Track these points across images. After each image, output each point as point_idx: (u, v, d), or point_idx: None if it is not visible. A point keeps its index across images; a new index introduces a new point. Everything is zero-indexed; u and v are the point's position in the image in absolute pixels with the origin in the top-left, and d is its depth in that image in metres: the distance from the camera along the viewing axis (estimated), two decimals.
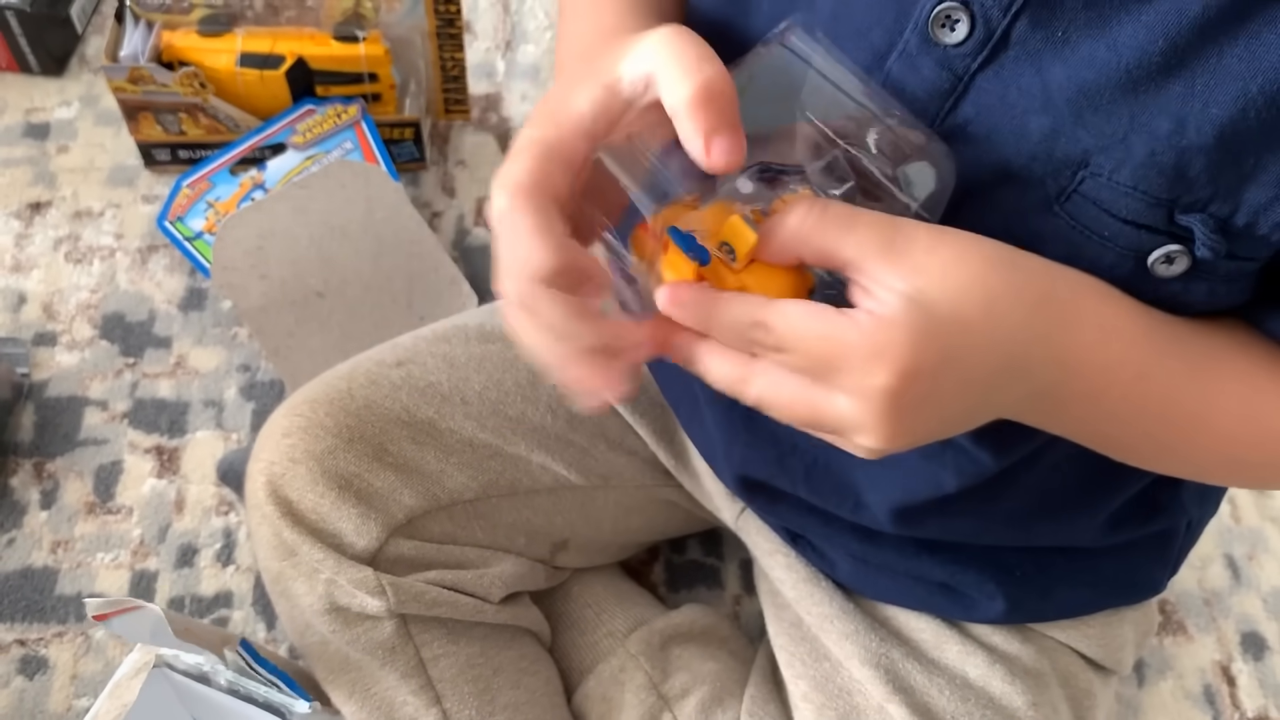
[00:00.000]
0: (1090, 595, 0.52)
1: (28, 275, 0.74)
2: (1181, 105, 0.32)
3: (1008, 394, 0.35)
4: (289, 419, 0.50)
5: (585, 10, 0.42)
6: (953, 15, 0.33)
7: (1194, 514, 0.53)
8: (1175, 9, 0.31)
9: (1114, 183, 0.33)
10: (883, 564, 0.50)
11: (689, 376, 0.36)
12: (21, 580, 0.62)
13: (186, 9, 0.74)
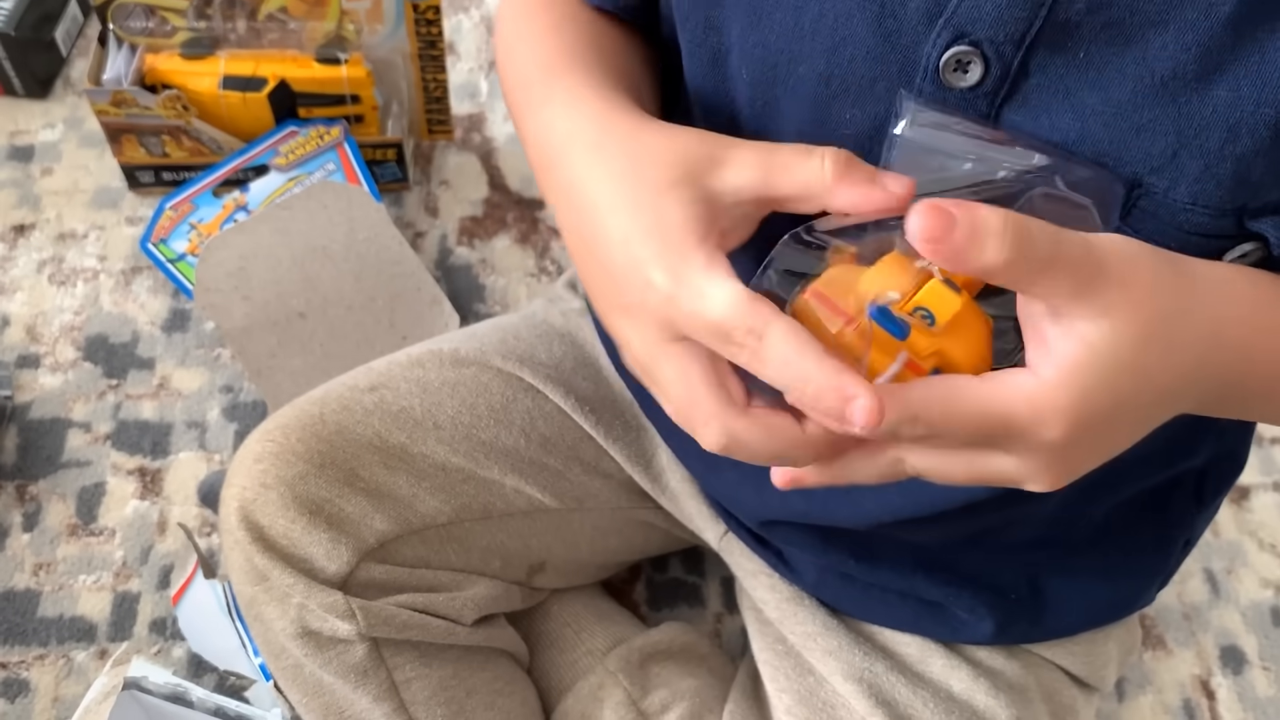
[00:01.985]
0: (1080, 619, 0.52)
1: (11, 297, 0.74)
2: (1230, 112, 0.31)
3: (1177, 408, 0.34)
4: (261, 444, 0.50)
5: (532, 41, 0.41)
6: (964, 59, 0.32)
7: (1198, 531, 0.53)
8: (1203, 11, 0.30)
9: (1171, 200, 0.33)
10: (875, 582, 0.51)
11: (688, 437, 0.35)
12: (3, 603, 0.62)
13: (169, 32, 0.74)
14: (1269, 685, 0.64)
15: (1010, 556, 0.49)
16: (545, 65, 0.40)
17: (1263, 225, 0.32)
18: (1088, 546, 0.49)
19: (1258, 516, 0.70)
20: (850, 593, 0.51)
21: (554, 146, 0.37)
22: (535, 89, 0.39)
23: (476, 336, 0.57)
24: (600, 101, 0.36)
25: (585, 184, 0.34)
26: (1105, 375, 0.29)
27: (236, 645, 0.56)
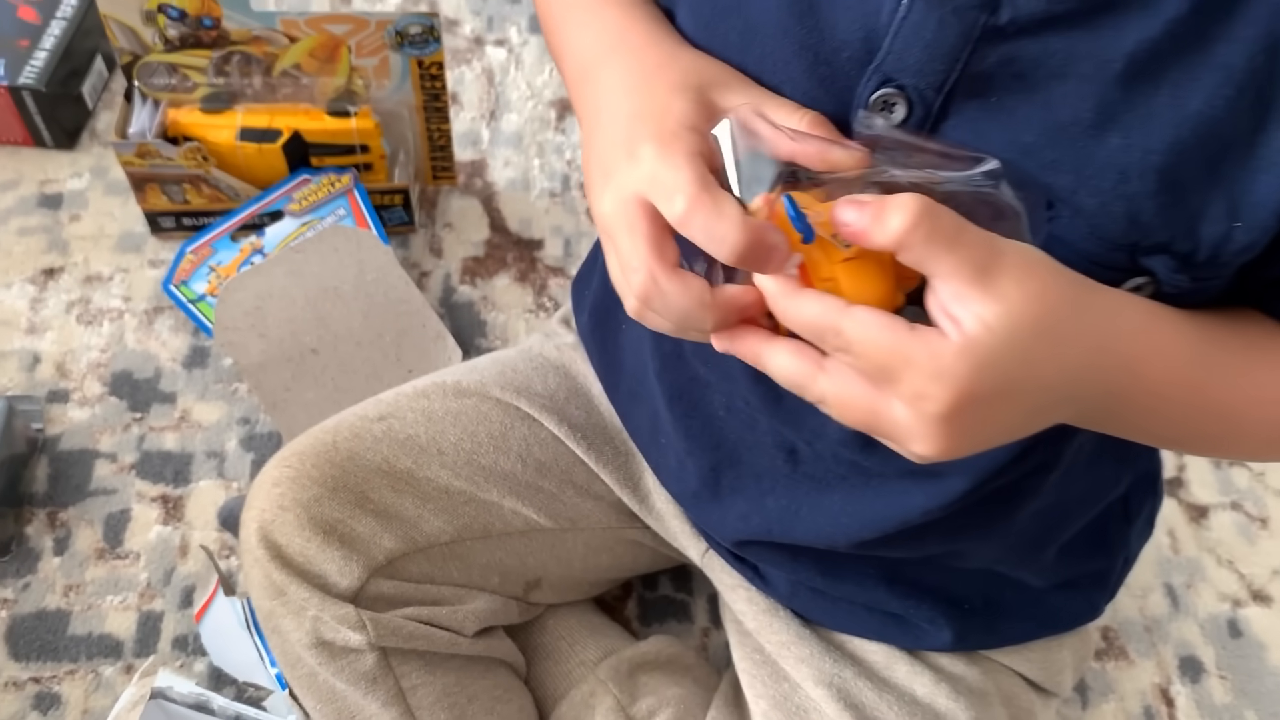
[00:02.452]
0: (1032, 627, 0.56)
1: (42, 337, 0.79)
2: (1122, 156, 0.35)
3: (1059, 413, 0.37)
4: (279, 470, 0.55)
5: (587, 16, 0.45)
6: (890, 100, 0.37)
7: (1134, 548, 0.57)
8: (1097, 67, 0.34)
9: (1074, 227, 0.36)
10: (842, 596, 0.54)
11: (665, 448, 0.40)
12: (36, 622, 0.66)
13: (190, 88, 0.80)
14: (1225, 693, 0.67)
15: (966, 574, 0.53)
16: None
17: (1153, 262, 0.36)
18: (1037, 568, 0.53)
19: (1215, 534, 0.74)
20: (820, 605, 0.55)
21: (587, 50, 0.44)
22: (572, 9, 0.46)
23: (477, 369, 0.61)
24: (628, 18, 0.43)
25: (609, 76, 0.41)
26: (997, 355, 0.33)
27: (255, 658, 0.60)
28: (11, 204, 0.86)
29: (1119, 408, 0.38)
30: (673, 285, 0.35)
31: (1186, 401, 0.39)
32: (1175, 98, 0.34)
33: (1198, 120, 0.34)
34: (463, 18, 1.01)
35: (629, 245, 0.36)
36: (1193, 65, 0.34)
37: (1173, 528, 0.73)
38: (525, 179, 0.90)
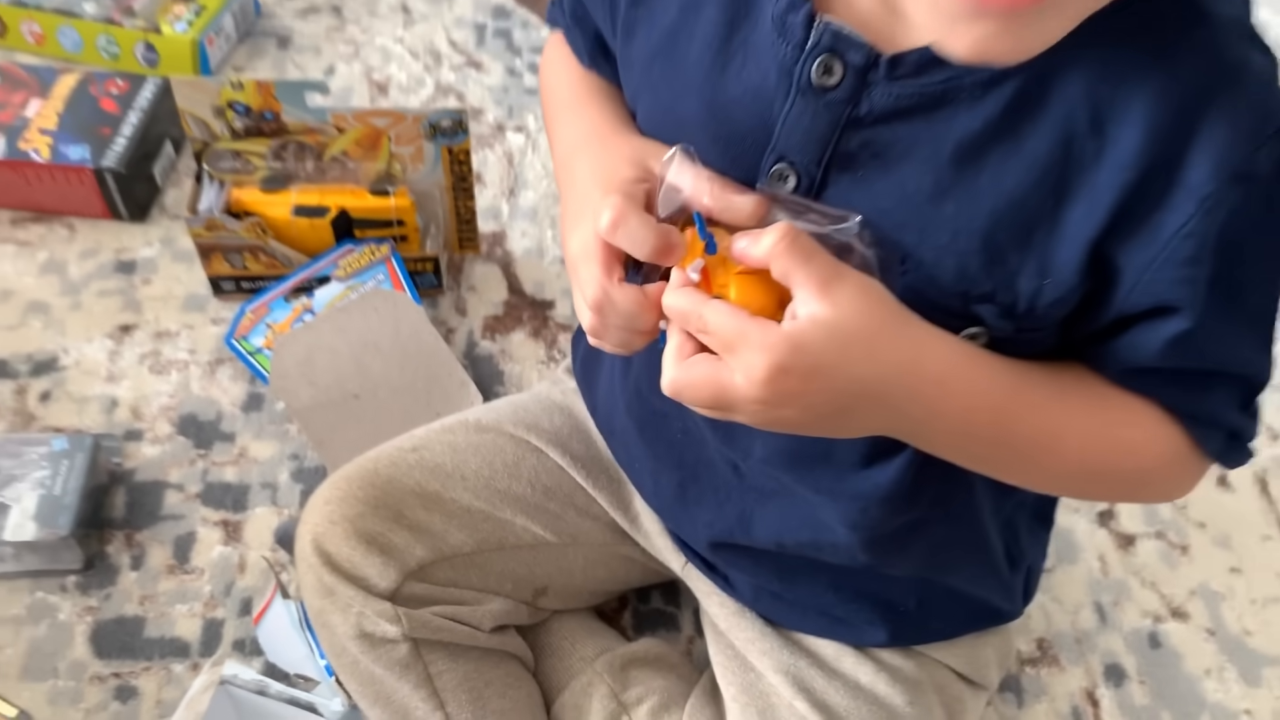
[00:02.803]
0: (956, 625, 0.65)
1: (119, 384, 0.90)
2: (953, 222, 0.44)
3: (873, 412, 0.45)
4: (330, 491, 0.66)
5: (571, 116, 0.58)
6: (784, 173, 0.47)
7: (1035, 561, 0.67)
8: (934, 152, 0.44)
9: (920, 277, 0.45)
10: (796, 600, 0.63)
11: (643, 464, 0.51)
12: (116, 626, 0.77)
13: (251, 171, 0.92)
14: (1144, 697, 0.76)
15: (898, 581, 0.62)
16: (570, 97, 0.59)
17: (982, 309, 0.45)
18: (953, 580, 0.62)
19: (1140, 560, 0.83)
20: (778, 607, 0.65)
21: (568, 141, 0.57)
22: (562, 111, 0.59)
23: (494, 409, 0.72)
24: (601, 116, 0.56)
25: (582, 161, 0.53)
26: (815, 342, 0.42)
27: (305, 653, 0.70)
28: (92, 270, 0.97)
29: (928, 419, 0.46)
30: (618, 292, 0.46)
31: (993, 424, 0.46)
32: (994, 178, 0.43)
33: (1011, 196, 0.43)
34: (487, 107, 1.14)
35: (586, 272, 0.47)
36: (1006, 154, 0.43)
37: (1103, 554, 0.83)
38: (539, 248, 1.01)
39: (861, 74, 0.44)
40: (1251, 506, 0.86)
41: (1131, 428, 0.49)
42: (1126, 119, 0.42)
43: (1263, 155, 0.42)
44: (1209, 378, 0.48)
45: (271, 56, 1.18)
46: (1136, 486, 0.54)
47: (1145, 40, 0.42)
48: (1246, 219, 0.43)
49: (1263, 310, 0.48)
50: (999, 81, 0.43)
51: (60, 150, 0.98)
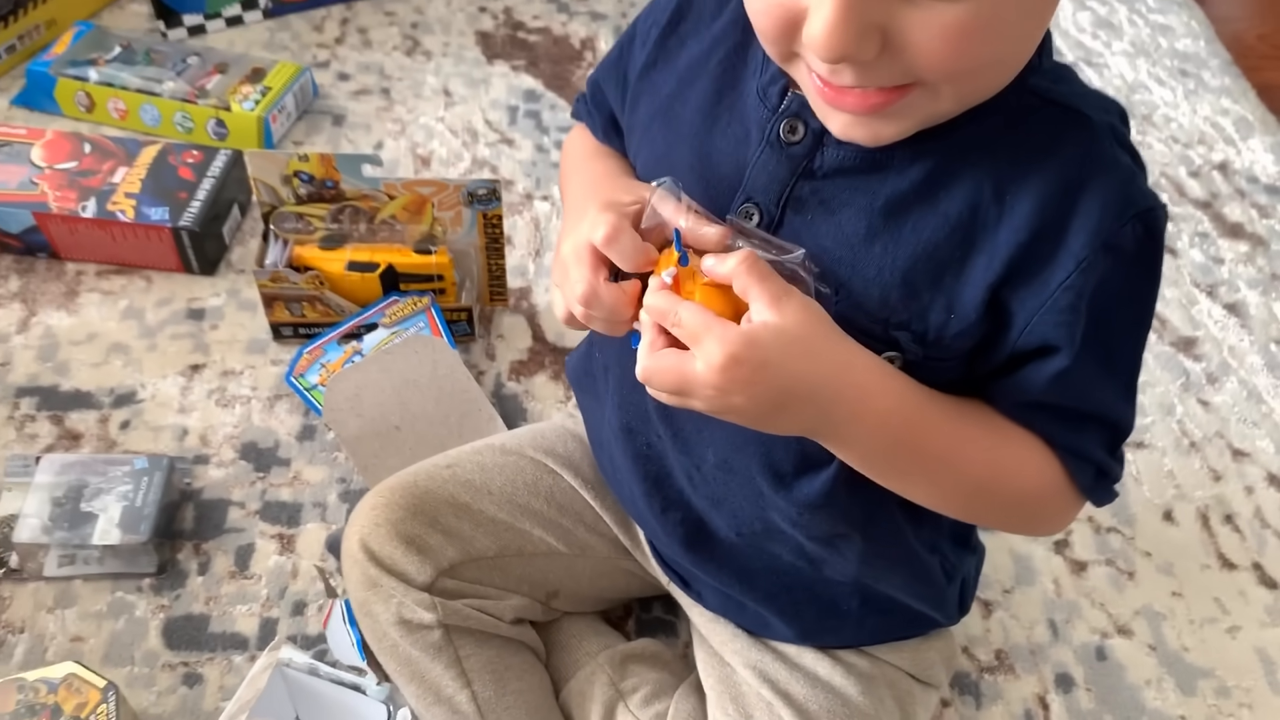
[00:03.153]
0: (896, 627, 0.72)
1: (189, 415, 1.01)
2: (880, 259, 0.53)
3: (803, 413, 0.52)
4: (375, 498, 0.76)
5: (584, 165, 0.69)
6: (749, 211, 0.57)
7: (970, 573, 0.75)
8: (868, 204, 0.54)
9: (850, 305, 0.53)
10: (756, 603, 0.70)
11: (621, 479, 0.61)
12: (185, 622, 0.87)
13: (312, 231, 1.05)
14: (1090, 702, 0.85)
15: (844, 585, 0.69)
16: (584, 156, 0.71)
17: (899, 335, 0.54)
18: (893, 585, 0.69)
19: (1091, 583, 0.92)
20: (743, 613, 0.73)
21: (577, 191, 0.67)
22: (577, 163, 0.71)
23: (518, 435, 0.83)
24: (605, 170, 0.67)
25: (583, 190, 0.64)
26: (765, 342, 0.49)
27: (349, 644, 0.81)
28: (166, 316, 1.09)
29: (849, 422, 0.52)
30: (604, 289, 0.54)
31: (903, 434, 0.54)
32: (914, 229, 0.53)
33: (927, 245, 0.53)
34: (517, 178, 1.27)
35: (577, 271, 0.54)
36: (926, 211, 0.53)
37: (1058, 577, 0.92)
38: None
39: (818, 136, 0.55)
40: (1193, 539, 0.96)
41: (1018, 454, 0.57)
42: (1022, 193, 0.53)
43: (1126, 231, 0.52)
44: (1083, 419, 0.56)
45: (327, 132, 1.32)
46: (1023, 512, 0.61)
47: (1040, 136, 0.54)
48: (1112, 282, 0.53)
49: (1128, 365, 0.58)
50: (923, 155, 0.54)
51: (143, 211, 1.10)
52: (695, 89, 0.61)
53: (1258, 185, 1.33)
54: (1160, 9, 1.60)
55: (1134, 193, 0.53)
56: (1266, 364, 1.11)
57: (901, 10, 0.46)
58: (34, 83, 1.29)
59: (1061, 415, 0.56)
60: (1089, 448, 0.58)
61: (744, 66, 0.59)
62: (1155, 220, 0.53)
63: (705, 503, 0.67)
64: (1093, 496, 0.60)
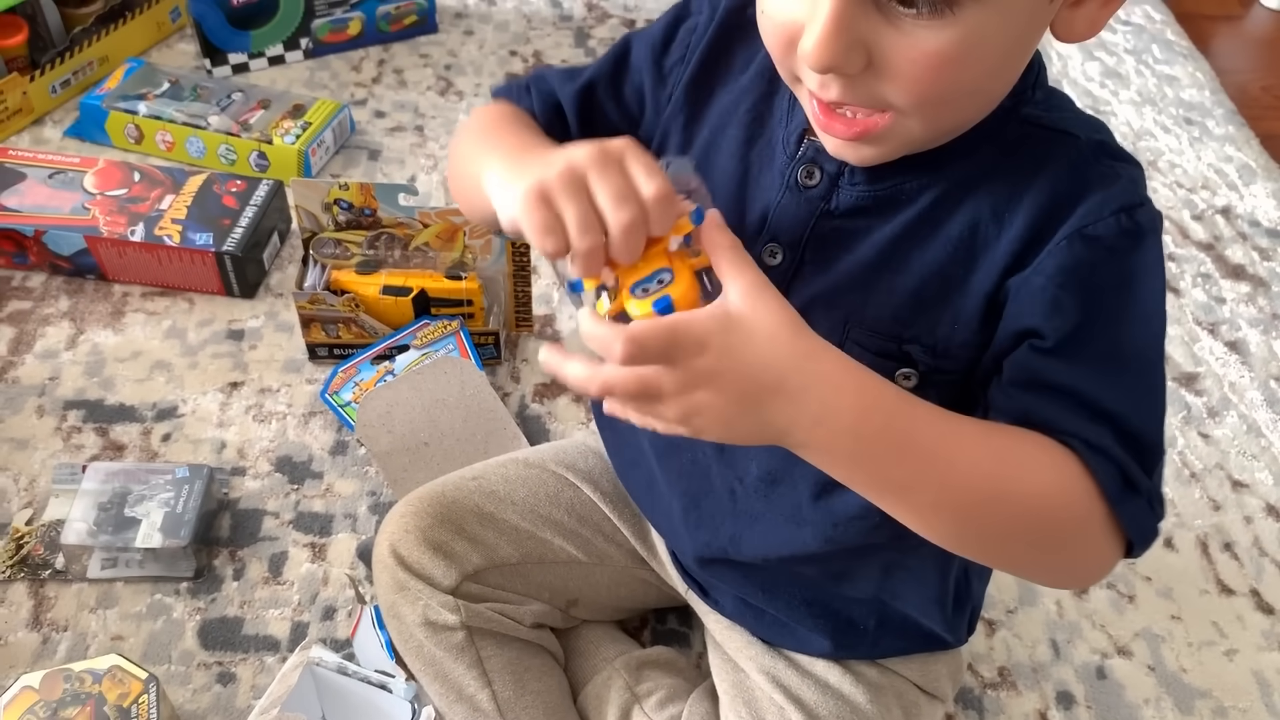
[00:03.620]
0: (907, 645, 0.75)
1: (228, 430, 1.05)
2: (893, 282, 0.57)
3: (774, 410, 0.49)
4: (405, 507, 0.80)
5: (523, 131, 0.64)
6: (773, 250, 0.61)
7: (978, 597, 0.78)
8: (881, 235, 0.57)
9: (864, 330, 0.57)
10: (776, 613, 0.73)
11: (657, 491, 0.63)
12: (220, 625, 0.91)
13: (349, 256, 1.10)
14: (1089, 719, 0.88)
15: (860, 602, 0.71)
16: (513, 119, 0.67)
17: (911, 348, 0.57)
18: (909, 602, 0.73)
19: (1092, 605, 0.95)
20: (761, 622, 0.76)
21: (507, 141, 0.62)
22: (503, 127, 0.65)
23: (540, 450, 0.87)
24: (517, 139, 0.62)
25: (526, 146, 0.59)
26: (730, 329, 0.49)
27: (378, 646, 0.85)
28: (207, 336, 1.14)
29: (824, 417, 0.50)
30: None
31: (886, 430, 0.51)
32: (922, 251, 0.57)
33: (934, 265, 0.57)
34: None
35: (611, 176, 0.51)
36: (932, 235, 0.57)
37: (1060, 599, 0.95)
38: None
39: (834, 179, 0.60)
40: (1193, 565, 0.99)
41: (1026, 448, 0.52)
42: (1018, 210, 0.57)
43: (1107, 222, 0.54)
44: (1093, 415, 0.53)
45: (363, 166, 1.38)
46: (1046, 534, 0.54)
47: (1033, 159, 0.58)
48: (1092, 270, 0.53)
49: (1138, 364, 0.55)
50: (928, 187, 0.58)
51: (188, 236, 1.16)
52: (728, 136, 0.65)
53: (1259, 229, 1.37)
54: (1167, 60, 1.65)
55: (1116, 190, 0.55)
56: (1266, 400, 1.14)
57: (887, 32, 0.49)
58: (87, 115, 1.36)
59: (1067, 406, 0.53)
60: (1103, 441, 0.52)
61: (770, 116, 0.64)
62: (1140, 213, 0.54)
63: (742, 521, 0.68)
64: (1123, 512, 0.53)
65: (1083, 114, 0.61)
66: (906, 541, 0.58)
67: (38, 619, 0.90)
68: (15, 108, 1.36)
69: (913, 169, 0.58)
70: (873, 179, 0.59)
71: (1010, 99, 0.57)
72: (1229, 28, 1.79)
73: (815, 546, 0.67)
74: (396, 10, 1.56)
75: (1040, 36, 0.54)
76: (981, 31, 0.49)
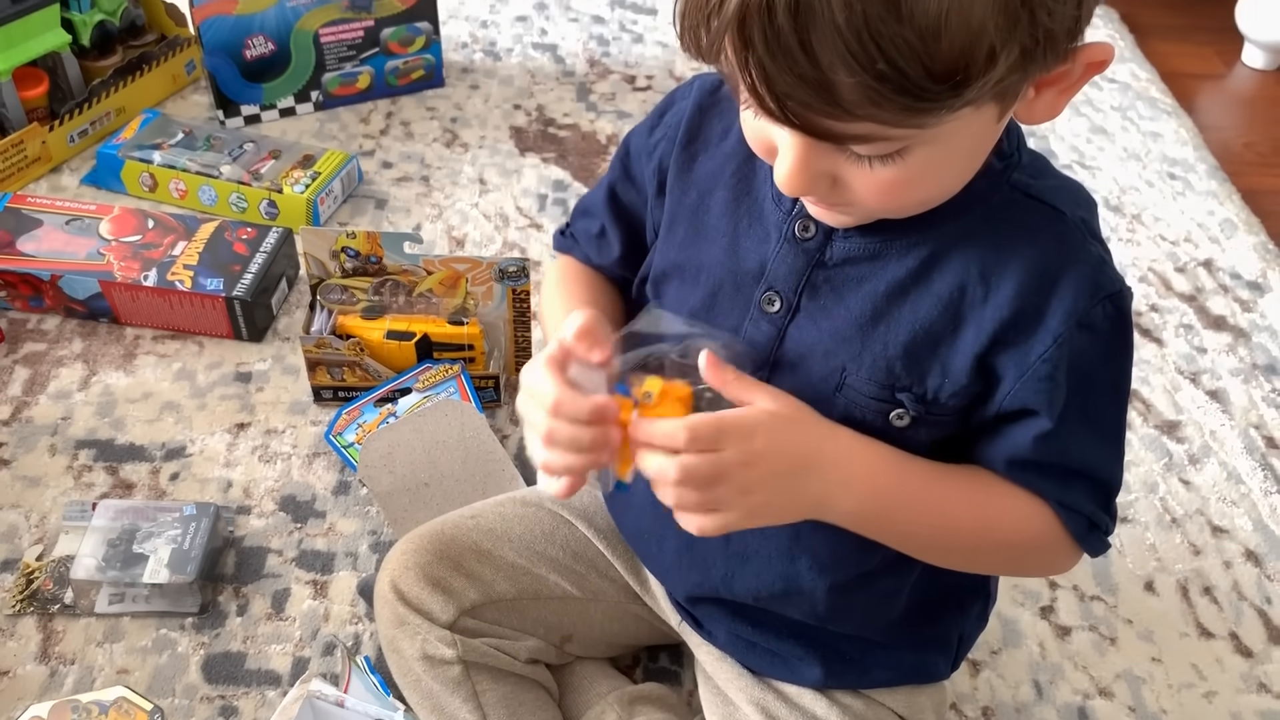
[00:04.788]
0: (893, 676, 0.78)
1: (234, 469, 1.09)
2: (884, 336, 0.61)
3: (805, 483, 0.59)
4: (405, 544, 0.83)
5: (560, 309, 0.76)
6: (771, 298, 0.66)
7: (969, 632, 0.82)
8: (872, 290, 0.62)
9: (859, 378, 0.62)
10: (766, 645, 0.77)
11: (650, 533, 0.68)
12: (223, 659, 0.93)
13: (355, 302, 1.14)
14: None
15: (847, 636, 0.75)
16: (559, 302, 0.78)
17: (903, 397, 0.63)
18: (896, 634, 0.76)
19: (1074, 647, 0.97)
20: (751, 654, 0.79)
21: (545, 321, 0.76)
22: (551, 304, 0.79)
23: (537, 490, 0.90)
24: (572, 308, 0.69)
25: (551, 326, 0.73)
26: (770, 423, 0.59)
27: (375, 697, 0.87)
28: (216, 378, 1.17)
29: (845, 484, 0.61)
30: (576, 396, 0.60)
31: (894, 490, 0.62)
32: (912, 309, 0.62)
33: (924, 321, 0.61)
34: (544, 259, 1.36)
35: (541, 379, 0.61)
36: (921, 293, 0.61)
37: (1043, 640, 0.97)
38: None
39: (828, 232, 0.64)
40: (1173, 609, 1.01)
41: (1011, 505, 0.65)
42: (1005, 275, 0.61)
43: (1098, 310, 0.61)
44: (1070, 475, 0.64)
45: (370, 215, 1.42)
46: (1023, 558, 0.69)
47: (1020, 227, 0.62)
48: (1087, 354, 0.61)
49: (1111, 426, 0.66)
50: (918, 246, 0.62)
51: (199, 281, 1.20)
52: (716, 197, 0.70)
53: (1240, 281, 1.40)
54: (1151, 117, 1.70)
55: (1103, 278, 0.62)
56: (1245, 447, 1.17)
57: (847, 165, 0.55)
58: (103, 164, 1.41)
59: (1049, 472, 0.64)
60: (1078, 500, 0.65)
61: (754, 175, 0.68)
62: (1123, 301, 0.62)
63: (734, 560, 0.72)
64: (1087, 545, 0.67)
65: (1065, 182, 0.66)
66: (894, 571, 0.69)
67: (46, 652, 0.93)
68: (34, 156, 1.41)
69: (904, 226, 0.62)
70: (865, 232, 0.63)
71: (999, 161, 0.62)
72: (1212, 86, 1.85)
73: (807, 581, 0.71)
74: (405, 65, 1.61)
75: (995, 140, 0.59)
76: (933, 161, 0.55)
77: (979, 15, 0.47)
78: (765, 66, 0.49)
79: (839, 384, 0.64)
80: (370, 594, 0.95)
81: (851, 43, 0.46)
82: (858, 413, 0.64)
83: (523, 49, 1.77)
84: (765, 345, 0.65)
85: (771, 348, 0.65)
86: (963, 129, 0.53)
